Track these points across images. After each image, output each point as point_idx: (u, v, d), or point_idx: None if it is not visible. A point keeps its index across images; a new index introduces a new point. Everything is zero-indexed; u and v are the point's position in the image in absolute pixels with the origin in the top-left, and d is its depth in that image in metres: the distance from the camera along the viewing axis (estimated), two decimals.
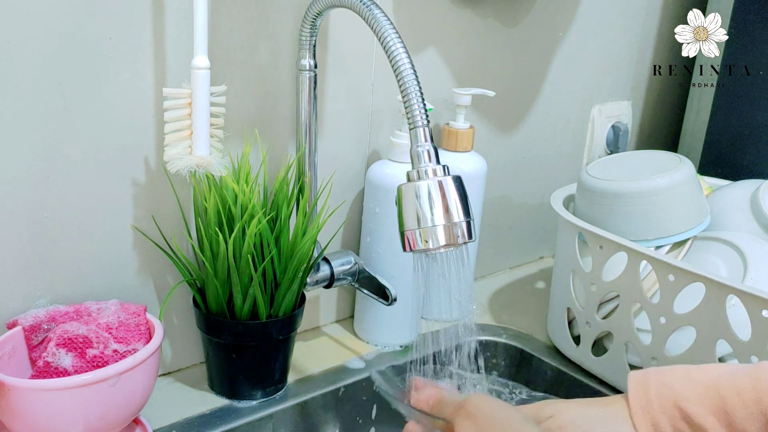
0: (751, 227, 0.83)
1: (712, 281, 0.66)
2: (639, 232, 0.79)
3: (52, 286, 0.65)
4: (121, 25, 0.62)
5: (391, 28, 0.56)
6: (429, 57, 0.88)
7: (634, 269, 0.73)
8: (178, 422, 0.68)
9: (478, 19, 0.91)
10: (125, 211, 0.68)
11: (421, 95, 0.55)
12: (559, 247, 0.85)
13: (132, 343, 0.61)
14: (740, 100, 1.09)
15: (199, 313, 0.70)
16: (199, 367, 0.77)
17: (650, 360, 0.73)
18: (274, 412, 0.72)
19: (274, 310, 0.70)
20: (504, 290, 1.04)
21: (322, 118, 0.79)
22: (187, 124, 0.63)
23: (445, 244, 0.55)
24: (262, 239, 0.68)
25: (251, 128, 0.73)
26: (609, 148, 1.15)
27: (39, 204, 0.62)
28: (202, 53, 0.61)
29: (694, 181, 0.82)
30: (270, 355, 0.72)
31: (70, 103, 0.62)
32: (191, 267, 0.70)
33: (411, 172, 0.56)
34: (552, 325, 0.88)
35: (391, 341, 0.85)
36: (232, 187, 0.67)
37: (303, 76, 0.71)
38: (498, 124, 1.00)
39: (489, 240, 1.04)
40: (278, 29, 0.73)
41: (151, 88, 0.66)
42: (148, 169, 0.68)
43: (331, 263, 0.78)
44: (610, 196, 0.80)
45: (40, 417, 0.55)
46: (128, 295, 0.70)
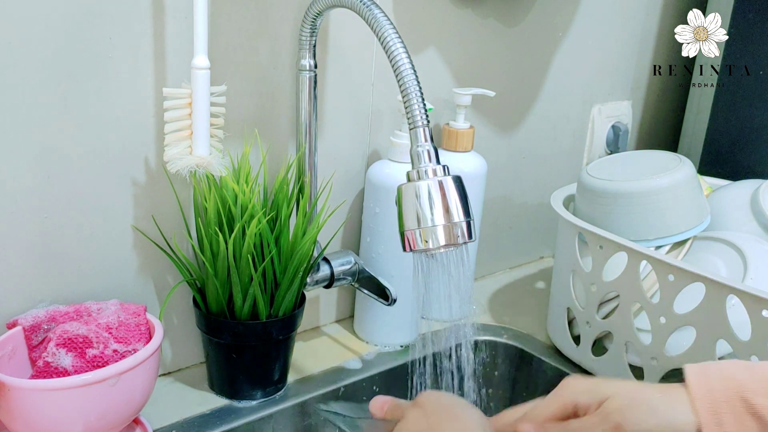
0: (751, 227, 0.83)
1: (712, 281, 0.66)
2: (639, 232, 0.79)
3: (52, 286, 0.65)
4: (121, 25, 0.62)
5: (391, 28, 0.56)
6: (429, 57, 0.88)
7: (634, 269, 0.73)
8: (178, 422, 0.68)
9: (478, 19, 0.91)
10: (125, 211, 0.68)
11: (421, 95, 0.55)
12: (559, 247, 0.85)
13: (132, 343, 0.61)
14: (740, 100, 1.09)
15: (199, 313, 0.70)
16: (199, 367, 0.77)
17: (650, 360, 0.73)
18: (274, 412, 0.72)
19: (274, 310, 0.70)
20: (504, 290, 1.04)
21: (322, 118, 0.79)
22: (187, 124, 0.63)
23: (445, 244, 0.55)
24: (262, 239, 0.68)
25: (251, 128, 0.73)
26: (609, 148, 1.15)
27: (39, 204, 0.62)
28: (202, 53, 0.61)
29: (694, 181, 0.82)
30: (270, 355, 0.72)
31: (71, 103, 0.62)
32: (191, 267, 0.70)
33: (411, 172, 0.56)
34: (552, 325, 0.88)
35: (391, 341, 0.85)
36: (232, 187, 0.67)
37: (303, 76, 0.71)
38: (498, 124, 1.00)
39: (489, 240, 1.04)
40: (278, 29, 0.73)
41: (151, 88, 0.66)
42: (148, 169, 0.68)
43: (331, 263, 0.78)
44: (610, 196, 0.80)
45: (40, 417, 0.55)
46: (128, 295, 0.70)
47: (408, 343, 0.85)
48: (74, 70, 0.61)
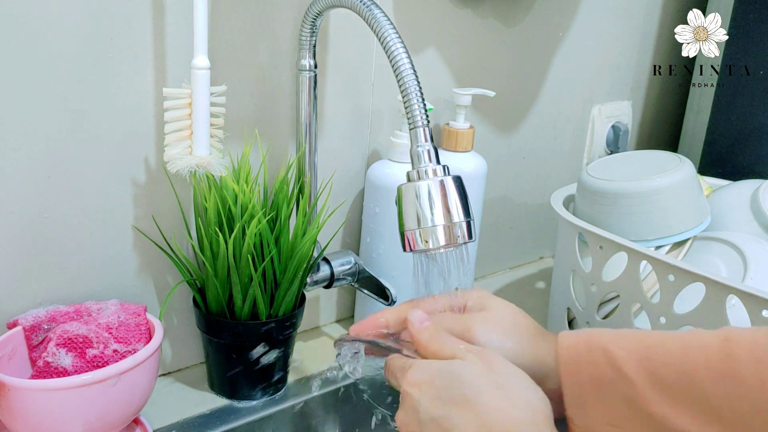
0: (751, 227, 0.83)
1: (712, 281, 0.66)
2: (639, 232, 0.79)
3: (52, 286, 0.65)
4: (121, 25, 0.62)
5: (391, 28, 0.56)
6: (429, 57, 0.88)
7: (634, 269, 0.73)
8: (178, 422, 0.68)
9: (478, 19, 0.91)
10: (125, 211, 0.68)
11: (421, 95, 0.55)
12: (559, 247, 0.85)
13: (132, 343, 0.61)
14: (740, 100, 1.09)
15: (199, 313, 0.70)
16: (199, 367, 0.77)
17: None
18: (274, 412, 0.72)
19: (274, 310, 0.70)
20: (504, 290, 1.04)
21: (322, 118, 0.79)
22: (187, 124, 0.63)
23: (445, 244, 0.55)
24: (262, 239, 0.68)
25: (251, 128, 0.73)
26: (609, 148, 1.15)
27: (39, 204, 0.62)
28: (202, 53, 0.61)
29: (694, 181, 0.82)
30: (270, 355, 0.72)
31: (71, 103, 0.62)
32: (191, 267, 0.70)
33: (411, 172, 0.56)
34: (552, 325, 0.88)
35: None
36: (232, 187, 0.67)
37: (303, 76, 0.71)
38: (498, 124, 1.00)
39: (489, 240, 1.04)
40: (278, 29, 0.73)
41: (151, 88, 0.66)
42: (148, 169, 0.68)
43: (331, 263, 0.78)
44: (610, 196, 0.80)
45: (40, 417, 0.55)
46: (128, 295, 0.70)
47: None
48: (74, 70, 0.61)
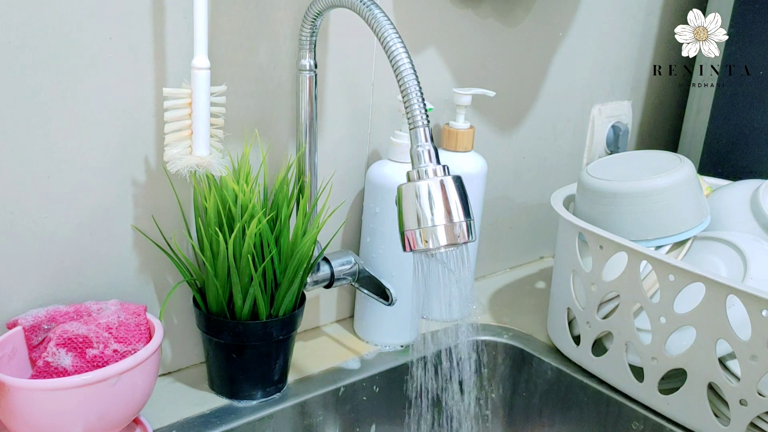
0: (751, 227, 0.83)
1: (712, 281, 0.66)
2: (639, 232, 0.79)
3: (52, 286, 0.65)
4: (121, 25, 0.62)
5: (391, 28, 0.56)
6: (429, 57, 0.88)
7: (634, 269, 0.73)
8: (178, 422, 0.68)
9: (478, 19, 0.91)
10: (125, 211, 0.68)
11: (421, 95, 0.55)
12: (559, 247, 0.85)
13: (132, 343, 0.61)
14: (740, 100, 1.09)
15: (199, 313, 0.70)
16: (199, 367, 0.77)
17: (650, 360, 0.73)
18: (274, 412, 0.72)
19: (274, 310, 0.70)
20: (504, 290, 1.04)
21: (322, 118, 0.79)
22: (187, 124, 0.63)
23: (445, 244, 0.55)
24: (262, 239, 0.68)
25: (251, 128, 0.73)
26: (609, 148, 1.15)
27: (39, 204, 0.62)
28: (202, 53, 0.61)
29: (694, 181, 0.82)
30: (270, 355, 0.72)
31: (71, 103, 0.62)
32: (191, 267, 0.70)
33: (411, 172, 0.56)
34: (552, 325, 0.88)
35: (391, 341, 0.85)
36: (232, 187, 0.67)
37: (303, 76, 0.71)
38: (498, 124, 1.00)
39: (489, 240, 1.04)
40: (278, 29, 0.73)
41: (151, 88, 0.66)
42: (148, 169, 0.68)
43: (331, 263, 0.78)
44: (610, 196, 0.80)
45: (40, 417, 0.55)
46: (128, 295, 0.70)
47: (408, 343, 0.85)
48: (74, 70, 0.61)
